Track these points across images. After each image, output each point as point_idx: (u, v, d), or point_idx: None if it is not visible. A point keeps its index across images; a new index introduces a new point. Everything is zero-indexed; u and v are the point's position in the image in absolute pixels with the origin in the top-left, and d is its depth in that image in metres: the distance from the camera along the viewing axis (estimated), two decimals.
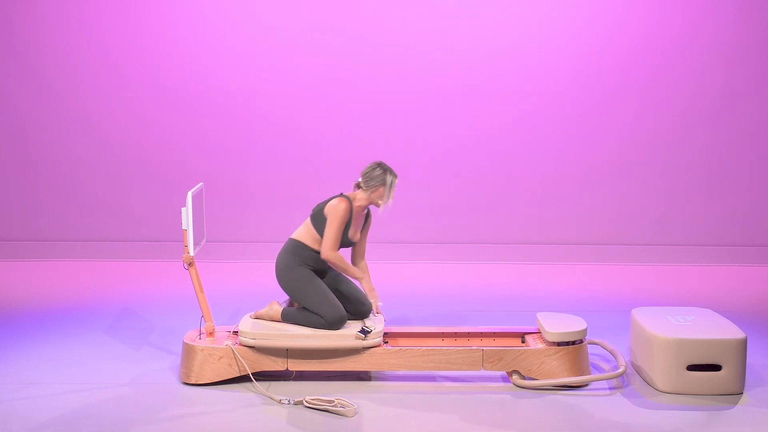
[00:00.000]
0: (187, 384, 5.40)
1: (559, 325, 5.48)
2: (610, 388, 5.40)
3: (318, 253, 5.56)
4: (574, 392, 5.33)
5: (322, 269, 5.65)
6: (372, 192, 5.57)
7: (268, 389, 5.30)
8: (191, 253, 5.46)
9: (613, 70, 8.36)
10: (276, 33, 8.33)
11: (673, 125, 8.43)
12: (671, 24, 8.29)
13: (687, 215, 8.52)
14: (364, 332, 5.35)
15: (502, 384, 5.46)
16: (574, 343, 5.46)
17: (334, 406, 5.02)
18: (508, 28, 8.32)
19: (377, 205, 5.61)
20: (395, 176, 5.58)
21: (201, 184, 5.76)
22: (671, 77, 8.36)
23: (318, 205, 5.63)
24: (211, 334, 5.55)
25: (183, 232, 5.44)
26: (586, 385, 5.41)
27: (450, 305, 7.17)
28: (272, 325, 5.48)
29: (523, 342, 5.72)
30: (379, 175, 5.55)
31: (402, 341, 5.72)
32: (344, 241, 5.60)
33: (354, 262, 5.79)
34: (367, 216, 5.77)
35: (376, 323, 5.49)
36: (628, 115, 8.42)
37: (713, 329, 5.40)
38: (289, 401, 5.12)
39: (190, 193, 5.38)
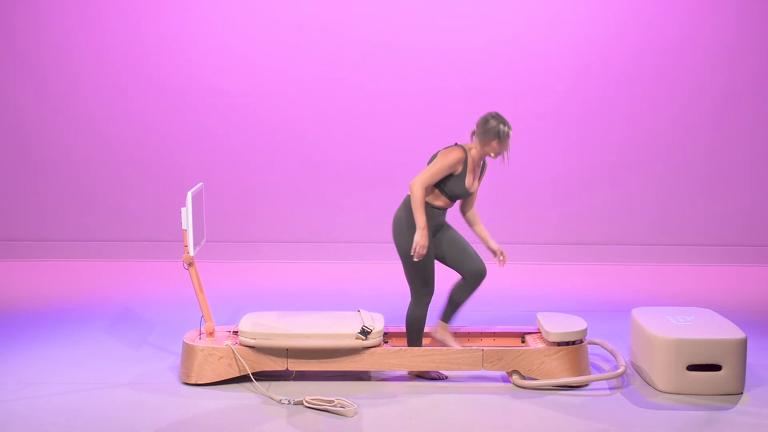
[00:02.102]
0: (187, 384, 5.40)
1: (559, 325, 5.48)
2: (610, 388, 5.40)
3: (435, 208, 5.45)
4: (574, 392, 5.33)
5: (439, 223, 5.53)
6: (485, 145, 5.39)
7: (268, 389, 5.30)
8: (191, 253, 5.46)
9: (613, 71, 8.36)
10: (277, 33, 8.33)
11: (673, 125, 8.44)
12: (671, 24, 8.29)
13: (687, 215, 8.52)
14: (364, 332, 5.35)
15: (502, 384, 5.46)
16: (574, 343, 5.46)
17: (334, 406, 5.02)
18: (508, 28, 8.32)
19: (492, 156, 5.43)
20: (510, 128, 5.36)
21: (201, 184, 5.76)
22: (671, 77, 8.36)
23: (436, 153, 5.49)
24: (211, 334, 5.55)
25: (183, 232, 5.44)
26: (586, 385, 5.41)
27: None
28: (272, 325, 5.47)
29: (523, 342, 5.73)
30: (492, 128, 5.33)
31: (402, 341, 5.73)
32: (460, 193, 5.43)
33: (463, 210, 5.71)
34: (484, 165, 5.59)
35: (375, 323, 5.48)
36: (628, 116, 8.42)
37: (713, 329, 5.40)
38: (289, 401, 5.12)
39: (190, 193, 5.38)
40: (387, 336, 5.74)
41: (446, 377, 5.54)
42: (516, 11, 8.30)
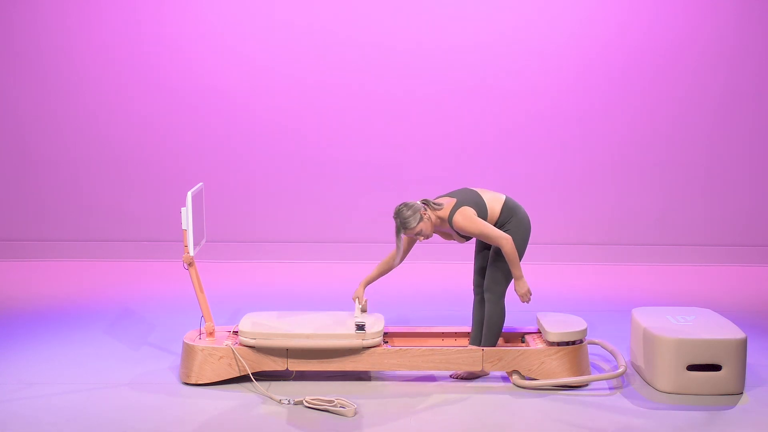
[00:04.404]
0: (187, 384, 5.40)
1: (559, 325, 5.48)
2: (610, 388, 5.40)
3: None
4: (574, 392, 5.33)
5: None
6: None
7: (268, 389, 5.30)
8: (191, 253, 5.46)
9: (613, 71, 8.36)
10: (277, 33, 8.33)
11: (673, 126, 8.44)
12: (671, 24, 8.29)
13: (687, 215, 8.52)
14: (359, 327, 5.31)
15: (502, 384, 5.46)
16: (574, 343, 5.46)
17: (334, 406, 5.02)
18: (508, 29, 8.32)
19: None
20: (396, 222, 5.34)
21: (201, 184, 5.76)
22: (671, 77, 8.36)
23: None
24: (211, 334, 5.55)
25: (183, 232, 5.44)
26: (586, 385, 5.41)
27: (450, 305, 7.17)
28: (272, 324, 5.47)
29: (523, 342, 5.73)
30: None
31: (402, 341, 5.73)
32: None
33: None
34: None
35: (376, 323, 5.47)
36: (628, 116, 8.42)
37: (713, 329, 5.40)
38: (289, 401, 5.12)
39: (190, 193, 5.38)
40: (387, 336, 5.74)
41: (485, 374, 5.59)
42: (516, 11, 8.29)
